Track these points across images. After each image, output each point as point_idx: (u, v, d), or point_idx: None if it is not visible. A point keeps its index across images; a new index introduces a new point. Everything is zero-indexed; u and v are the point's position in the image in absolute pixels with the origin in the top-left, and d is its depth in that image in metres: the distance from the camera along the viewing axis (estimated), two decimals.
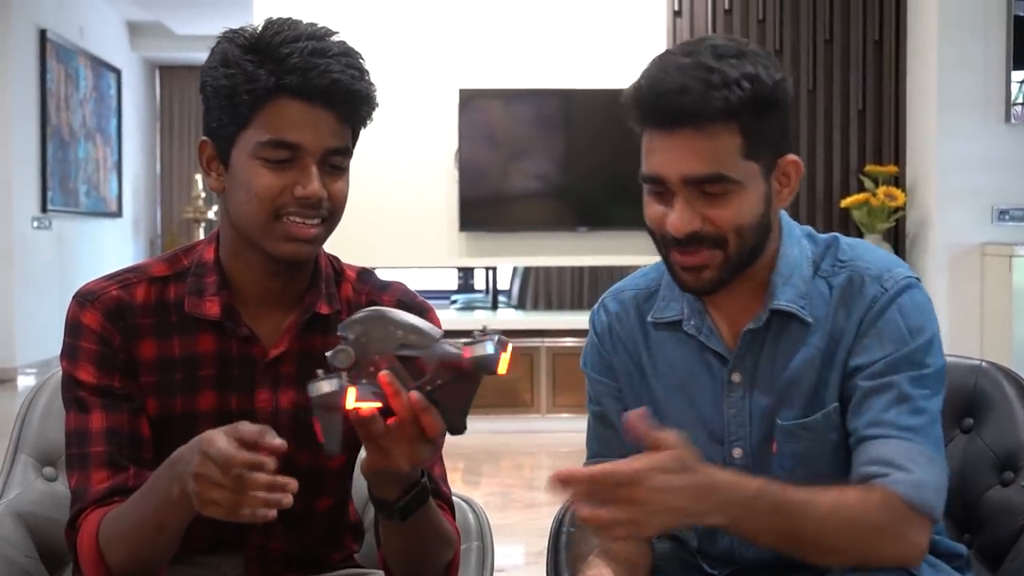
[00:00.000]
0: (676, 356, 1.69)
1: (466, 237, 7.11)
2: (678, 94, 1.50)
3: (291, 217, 1.56)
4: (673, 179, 1.54)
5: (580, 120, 7.08)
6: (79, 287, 1.66)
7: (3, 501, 1.83)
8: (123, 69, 12.04)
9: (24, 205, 9.46)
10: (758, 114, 1.53)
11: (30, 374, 9.17)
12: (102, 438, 1.57)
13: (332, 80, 1.53)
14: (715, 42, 1.55)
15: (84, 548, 1.53)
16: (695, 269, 1.58)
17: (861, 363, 1.60)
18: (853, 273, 1.64)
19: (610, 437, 1.73)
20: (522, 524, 4.66)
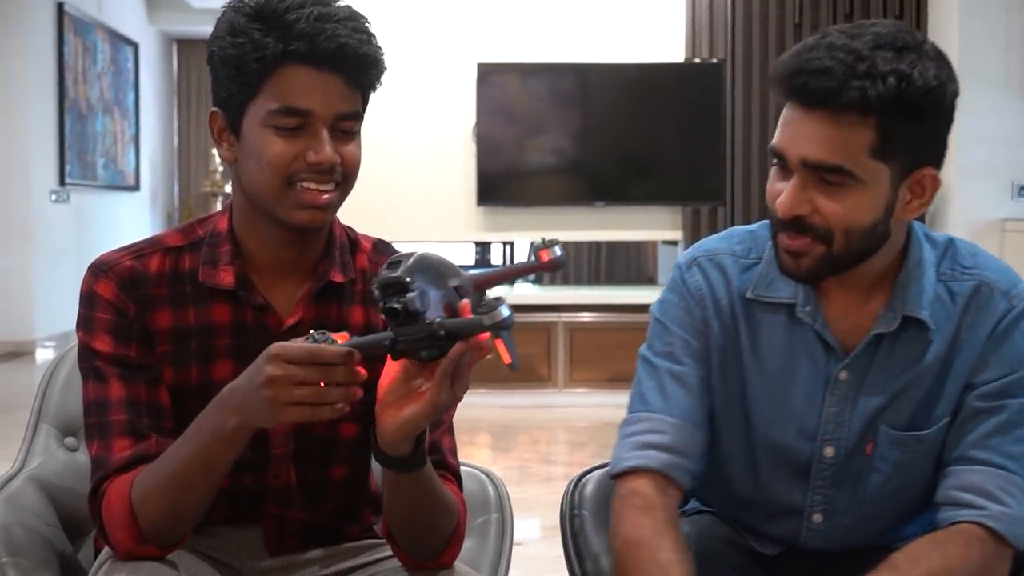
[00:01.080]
0: (778, 340, 1.62)
1: (484, 212, 7.10)
2: (817, 75, 1.43)
3: (304, 184, 1.55)
4: (793, 158, 1.48)
5: (598, 95, 7.05)
6: (96, 257, 1.65)
7: (25, 471, 1.84)
8: (140, 42, 12.03)
9: (42, 178, 9.48)
10: (901, 115, 1.43)
11: (49, 347, 9.21)
12: (122, 407, 1.57)
13: (339, 44, 1.52)
14: (882, 30, 1.46)
15: (114, 510, 1.52)
16: (795, 254, 1.52)
17: (978, 380, 1.57)
18: (982, 284, 1.60)
19: (685, 399, 1.63)
20: (539, 498, 4.67)
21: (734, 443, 1.67)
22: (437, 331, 1.35)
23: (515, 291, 7.65)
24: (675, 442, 1.60)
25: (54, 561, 1.74)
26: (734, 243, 1.68)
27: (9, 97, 9.15)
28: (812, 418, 1.61)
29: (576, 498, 1.89)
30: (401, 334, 1.35)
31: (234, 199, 1.66)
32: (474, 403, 1.86)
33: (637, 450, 1.61)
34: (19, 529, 1.72)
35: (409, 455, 1.49)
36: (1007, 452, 1.54)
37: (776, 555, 1.72)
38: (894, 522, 1.69)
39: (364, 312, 1.68)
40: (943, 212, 6.44)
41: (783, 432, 1.63)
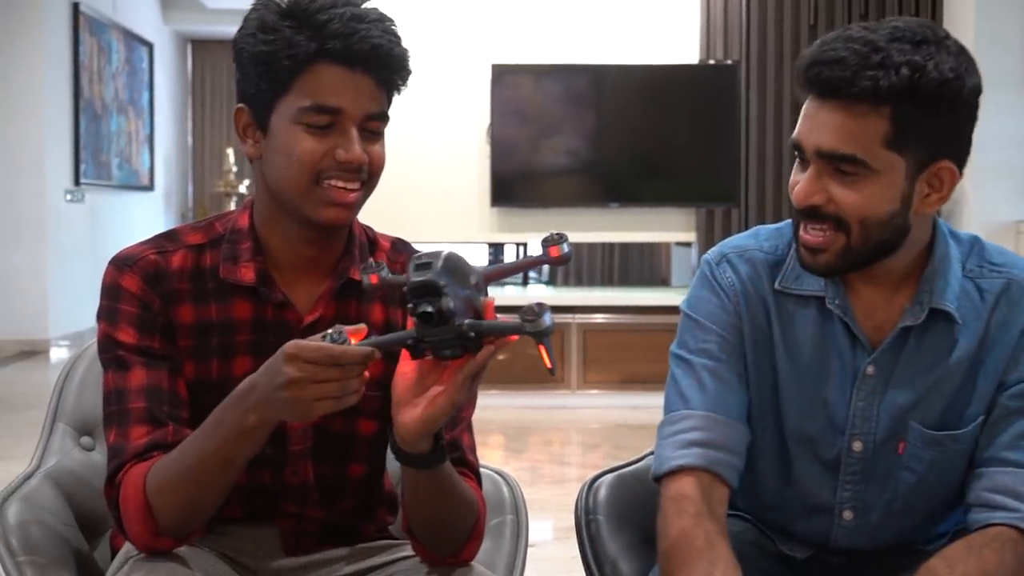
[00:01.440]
0: (808, 332, 1.62)
1: (497, 212, 7.10)
2: (831, 64, 1.45)
3: (331, 181, 1.56)
4: (809, 148, 1.50)
5: (612, 96, 7.05)
6: (114, 254, 1.66)
7: (42, 469, 1.84)
8: (155, 43, 12.07)
9: (57, 178, 9.51)
10: (915, 106, 1.44)
11: (63, 346, 9.24)
12: (141, 394, 1.58)
13: (373, 45, 1.54)
14: (902, 24, 1.48)
15: (129, 502, 1.52)
16: (813, 249, 1.53)
17: (1012, 379, 1.58)
18: (1012, 281, 1.60)
19: (723, 394, 1.62)
20: (552, 500, 4.67)
21: (766, 438, 1.67)
22: (466, 333, 1.35)
23: (528, 292, 7.65)
24: (719, 438, 1.60)
25: (70, 560, 1.74)
26: (762, 240, 1.68)
27: (25, 97, 9.18)
28: (841, 412, 1.62)
29: (590, 502, 1.88)
30: (427, 335, 1.35)
31: (256, 196, 1.67)
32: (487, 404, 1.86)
33: (682, 448, 1.60)
34: (36, 528, 1.72)
35: (429, 452, 1.49)
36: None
37: (805, 559, 1.71)
38: (925, 520, 1.69)
39: (384, 310, 1.69)
40: (957, 213, 6.42)
41: (814, 426, 1.63)
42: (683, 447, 1.60)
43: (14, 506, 1.74)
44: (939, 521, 1.69)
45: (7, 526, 1.70)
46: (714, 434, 1.60)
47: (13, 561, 1.66)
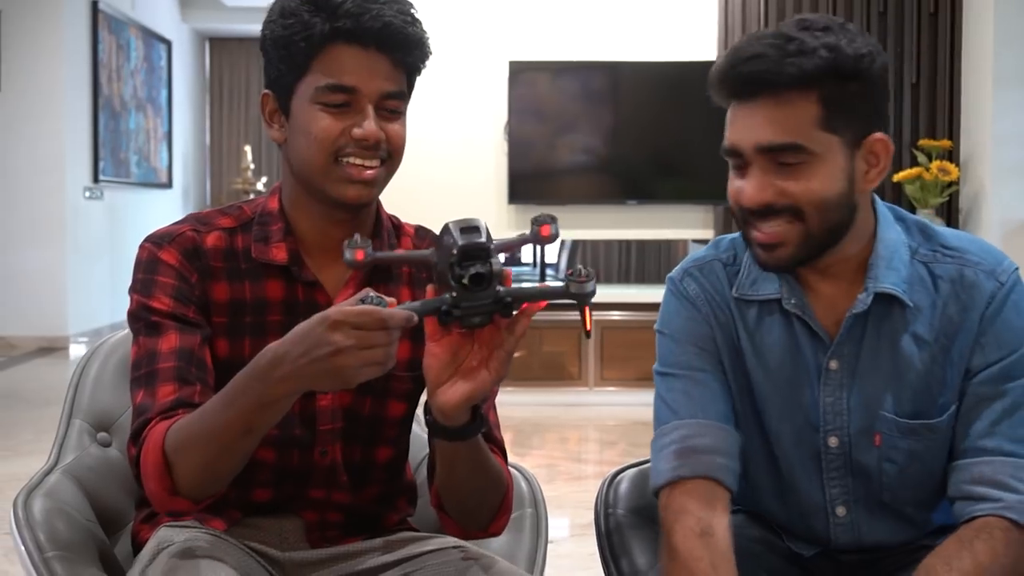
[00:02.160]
0: (773, 335, 1.65)
1: (514, 210, 7.10)
2: (753, 61, 1.49)
3: (350, 159, 1.60)
4: (748, 149, 1.53)
5: (629, 93, 7.05)
6: (150, 235, 1.68)
7: (60, 466, 1.84)
8: (173, 40, 12.10)
9: (76, 175, 9.55)
10: (839, 84, 1.49)
11: (82, 342, 9.27)
12: (172, 355, 1.58)
13: (384, 23, 1.57)
14: (806, 17, 1.54)
15: (149, 460, 1.51)
16: (771, 246, 1.55)
17: (977, 365, 1.58)
18: (965, 267, 1.61)
19: (708, 400, 1.64)
20: (569, 496, 4.67)
21: (753, 443, 1.69)
22: (504, 298, 1.37)
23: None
24: (712, 443, 1.61)
25: (95, 555, 1.74)
26: (720, 251, 1.72)
27: (44, 94, 9.22)
28: (815, 409, 1.63)
29: (610, 496, 1.89)
30: (466, 300, 1.36)
31: (284, 180, 1.71)
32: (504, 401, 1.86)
33: (676, 459, 1.61)
34: (62, 523, 1.73)
35: (469, 423, 1.52)
36: (1015, 436, 1.56)
37: (813, 556, 1.72)
38: (920, 511, 1.69)
39: (411, 293, 1.72)
40: (977, 212, 6.39)
41: (792, 426, 1.65)
42: (678, 457, 1.61)
43: (39, 502, 1.74)
44: (935, 510, 1.69)
45: (33, 521, 1.71)
46: (706, 439, 1.61)
47: (41, 556, 1.66)
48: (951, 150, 6.53)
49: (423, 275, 1.74)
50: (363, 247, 1.41)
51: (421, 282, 1.73)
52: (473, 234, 1.36)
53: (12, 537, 1.72)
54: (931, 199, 6.28)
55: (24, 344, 9.13)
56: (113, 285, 10.06)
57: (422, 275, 1.74)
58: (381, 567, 1.70)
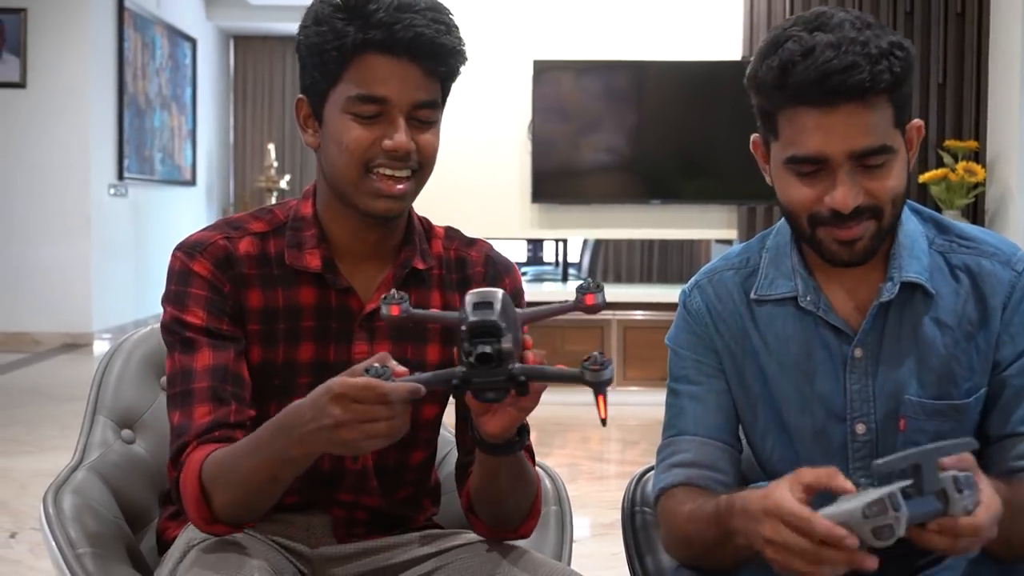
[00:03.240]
0: (789, 332, 1.67)
1: (538, 209, 7.10)
2: (847, 72, 1.48)
3: (380, 170, 1.59)
4: (838, 155, 1.52)
5: (653, 92, 7.03)
6: (181, 240, 1.68)
7: (86, 463, 1.85)
8: (198, 39, 12.15)
9: (101, 173, 9.60)
10: (903, 81, 1.52)
11: (105, 339, 9.32)
12: (206, 374, 1.59)
13: (416, 33, 1.56)
14: (840, 15, 1.53)
15: (187, 487, 1.53)
16: (850, 242, 1.57)
17: (1008, 356, 1.62)
18: (981, 257, 1.64)
19: (703, 416, 1.70)
20: (591, 496, 4.66)
21: (774, 441, 1.71)
22: (517, 376, 1.35)
23: (567, 289, 7.63)
24: (697, 457, 1.68)
25: (124, 552, 1.75)
26: (732, 258, 1.76)
27: (69, 92, 9.27)
28: (838, 399, 1.65)
29: (638, 495, 1.91)
30: (477, 376, 1.34)
31: (318, 185, 1.70)
32: None
33: (664, 472, 1.70)
34: (91, 519, 1.73)
35: (515, 438, 1.53)
36: None
37: None
38: None
39: (441, 296, 1.73)
40: (1003, 213, 6.35)
41: (814, 418, 1.67)
42: (665, 471, 1.69)
43: (68, 499, 1.75)
44: None
45: (64, 517, 1.71)
46: (691, 454, 1.68)
47: (73, 553, 1.67)
48: (977, 151, 6.50)
49: (454, 276, 1.75)
50: (399, 303, 1.40)
51: (450, 284, 1.74)
52: (485, 310, 1.32)
53: (43, 534, 1.72)
54: (957, 200, 6.25)
55: (49, 340, 9.19)
56: (137, 282, 10.10)
57: (452, 276, 1.75)
58: (411, 561, 1.71)
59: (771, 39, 1.55)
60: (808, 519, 1.33)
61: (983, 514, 1.35)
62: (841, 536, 1.31)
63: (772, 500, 1.37)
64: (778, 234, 1.72)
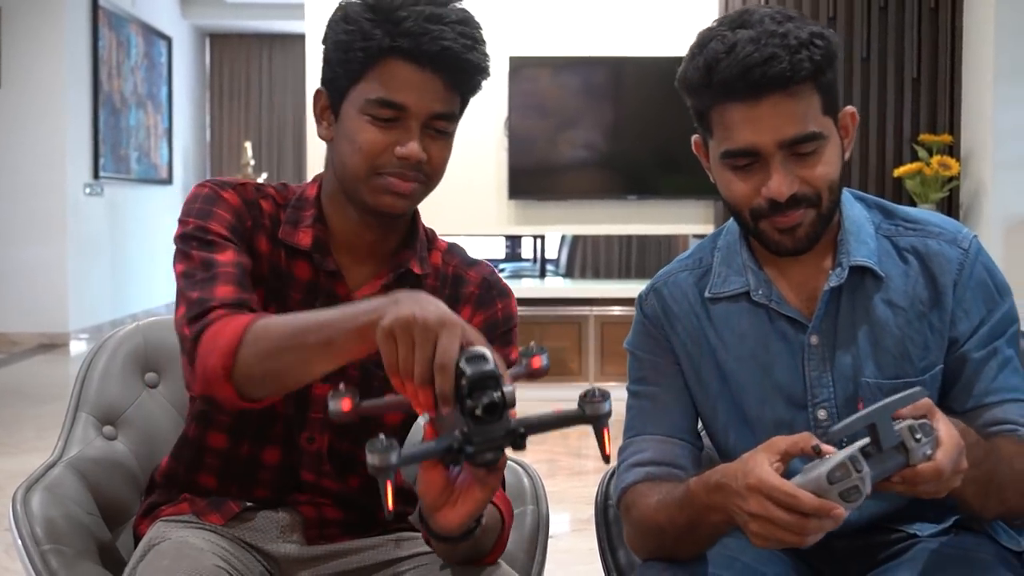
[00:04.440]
0: (744, 327, 1.70)
1: (515, 205, 7.11)
2: (768, 63, 1.52)
3: (389, 176, 1.61)
4: (769, 146, 1.56)
5: (630, 89, 7.05)
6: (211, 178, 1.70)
7: (64, 459, 1.85)
8: (174, 37, 12.10)
9: (76, 172, 9.56)
10: (827, 68, 1.56)
11: (82, 339, 9.29)
12: (231, 265, 1.57)
13: (443, 47, 1.58)
14: (761, 11, 1.58)
15: (223, 337, 1.45)
16: (791, 230, 1.60)
17: (964, 331, 1.65)
18: (927, 237, 1.68)
19: (661, 416, 1.74)
20: (569, 492, 4.68)
21: (737, 435, 1.73)
22: (516, 429, 1.28)
23: (545, 285, 7.65)
24: (655, 455, 1.71)
25: (94, 549, 1.76)
26: (685, 259, 1.80)
27: (45, 91, 9.23)
28: (798, 387, 1.68)
29: (611, 490, 1.91)
30: (476, 434, 1.25)
31: (325, 175, 1.72)
32: None
33: (626, 472, 1.73)
34: (60, 517, 1.74)
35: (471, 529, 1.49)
36: (1012, 386, 1.65)
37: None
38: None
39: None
40: (977, 207, 6.39)
41: (775, 408, 1.69)
42: (625, 471, 1.72)
43: (37, 495, 1.75)
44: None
45: (31, 515, 1.72)
46: (654, 453, 1.71)
47: (38, 550, 1.68)
48: (952, 145, 6.54)
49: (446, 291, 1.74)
50: (350, 395, 1.28)
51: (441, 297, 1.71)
52: (481, 362, 1.25)
53: (10, 532, 1.73)
54: (931, 194, 6.29)
55: (25, 341, 9.15)
56: (114, 281, 10.07)
57: (445, 291, 1.74)
58: (381, 564, 1.71)
59: (697, 40, 1.61)
60: (795, 495, 1.35)
61: (942, 456, 1.37)
62: (830, 508, 1.34)
63: (755, 476, 1.39)
64: (728, 232, 1.75)
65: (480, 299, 1.75)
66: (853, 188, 6.23)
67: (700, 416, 1.76)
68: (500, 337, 1.74)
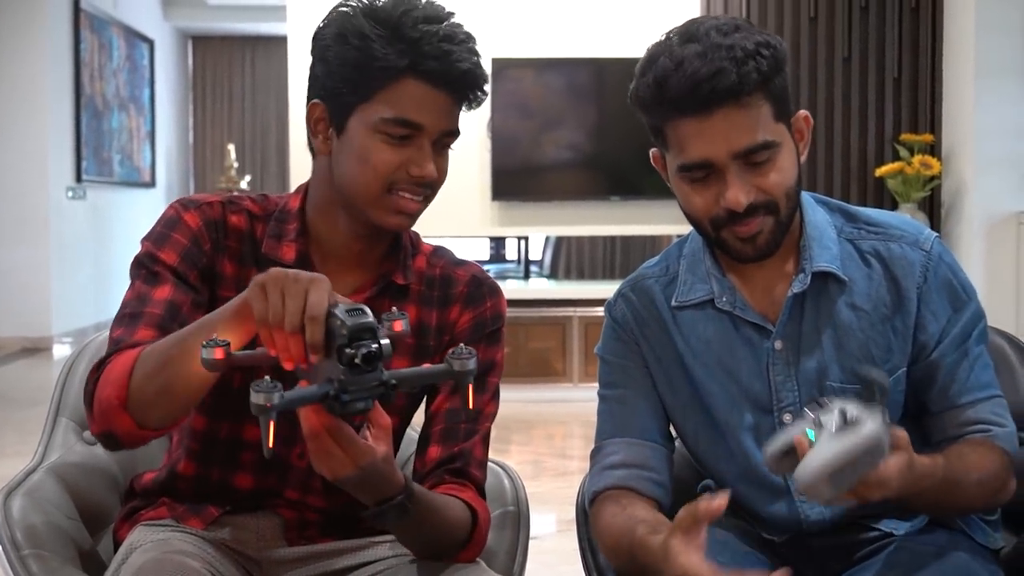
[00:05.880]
0: (710, 334, 1.72)
1: (498, 206, 7.11)
2: (715, 77, 1.54)
3: (401, 192, 1.61)
4: (722, 158, 1.58)
5: (612, 89, 7.06)
6: (182, 197, 1.71)
7: (44, 464, 1.85)
8: (156, 39, 12.07)
9: (59, 175, 9.53)
10: (775, 76, 1.59)
11: (66, 343, 9.25)
12: (161, 304, 1.59)
13: (464, 70, 1.60)
14: (708, 23, 1.59)
15: (115, 371, 1.49)
16: (751, 238, 1.62)
17: (933, 333, 1.67)
18: (890, 241, 1.70)
19: (631, 418, 1.76)
20: (554, 492, 4.68)
21: (707, 440, 1.76)
22: (388, 381, 1.33)
23: (529, 286, 7.66)
24: (627, 458, 1.73)
25: (74, 553, 1.75)
26: (652, 267, 1.82)
27: (26, 94, 9.20)
28: (764, 392, 1.70)
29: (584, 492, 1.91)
30: (351, 384, 1.31)
31: (314, 187, 1.70)
32: None
33: (597, 476, 1.75)
34: (40, 522, 1.73)
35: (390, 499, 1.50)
36: (983, 383, 1.68)
37: (784, 542, 1.76)
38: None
39: (418, 311, 1.72)
40: (959, 206, 6.41)
41: (742, 413, 1.72)
42: (597, 475, 1.75)
43: (18, 501, 1.75)
44: None
45: (11, 520, 1.72)
46: (625, 455, 1.73)
47: (18, 555, 1.68)
48: (933, 144, 6.56)
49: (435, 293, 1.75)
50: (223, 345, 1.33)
51: (430, 300, 1.74)
52: (360, 315, 1.31)
53: None
54: (913, 193, 6.30)
55: (7, 345, 9.11)
56: (97, 284, 10.03)
57: (434, 293, 1.75)
58: (361, 565, 1.71)
59: (646, 56, 1.62)
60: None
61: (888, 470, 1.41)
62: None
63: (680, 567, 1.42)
64: (693, 240, 1.77)
65: (469, 296, 1.75)
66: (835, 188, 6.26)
67: (671, 421, 1.78)
68: (487, 336, 1.75)
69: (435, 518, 1.60)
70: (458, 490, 1.67)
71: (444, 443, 1.69)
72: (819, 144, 6.61)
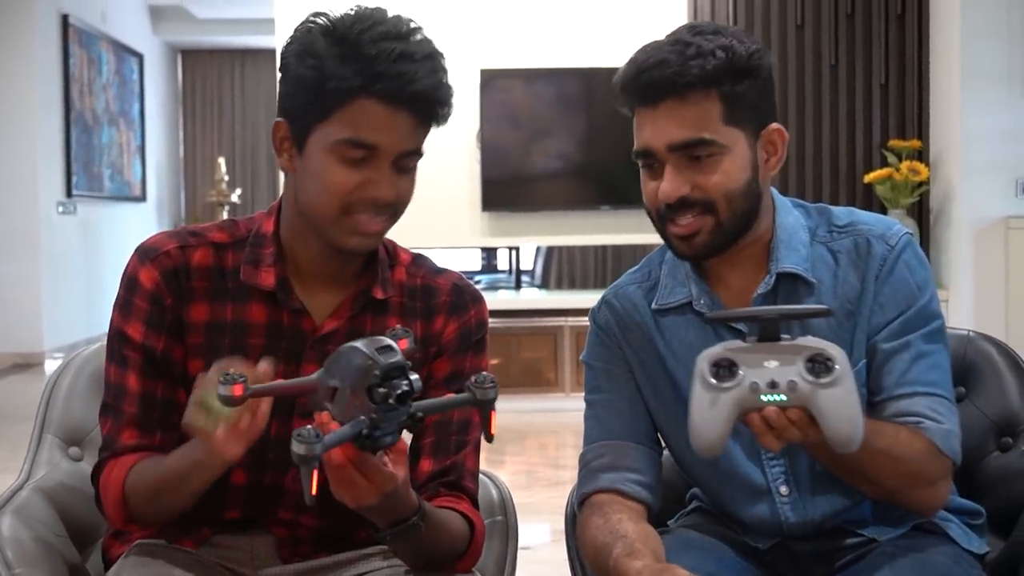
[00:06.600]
0: (691, 337, 1.73)
1: (489, 217, 7.11)
2: (657, 67, 1.60)
3: (359, 215, 1.59)
4: (660, 148, 1.63)
5: (601, 99, 7.06)
6: (144, 243, 1.69)
7: (31, 482, 1.84)
8: (145, 53, 12.07)
9: (49, 190, 9.51)
10: (736, 81, 1.61)
11: (57, 358, 9.21)
12: (136, 400, 1.63)
13: (417, 90, 1.55)
14: (695, 23, 1.65)
15: (109, 491, 1.61)
16: (688, 237, 1.65)
17: (879, 322, 1.68)
18: (857, 237, 1.71)
19: (617, 422, 1.77)
20: (547, 502, 4.68)
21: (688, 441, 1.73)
22: (415, 414, 1.35)
23: (520, 296, 7.66)
24: (614, 460, 1.74)
25: (64, 571, 1.75)
26: (634, 274, 1.84)
27: (16, 109, 9.19)
28: None
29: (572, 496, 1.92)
30: (383, 420, 1.32)
31: (285, 206, 1.69)
32: None
33: (585, 479, 1.76)
34: (30, 540, 1.73)
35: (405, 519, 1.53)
36: (926, 380, 1.66)
37: (769, 548, 1.76)
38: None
39: (401, 323, 1.68)
40: (947, 211, 6.43)
41: None
42: (588, 476, 1.76)
43: (7, 519, 1.75)
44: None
45: (2, 539, 1.71)
46: (608, 458, 1.75)
47: (9, 573, 1.67)
48: (921, 150, 6.58)
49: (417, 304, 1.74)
50: (240, 381, 1.35)
51: (412, 311, 1.73)
52: (386, 352, 1.32)
53: None
54: (902, 199, 6.33)
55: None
56: (88, 299, 10.01)
57: (416, 304, 1.74)
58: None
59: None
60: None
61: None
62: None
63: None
64: None
65: (453, 306, 1.74)
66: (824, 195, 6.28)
67: (656, 425, 1.79)
68: (474, 345, 1.74)
69: (439, 534, 1.60)
70: (454, 502, 1.67)
71: (436, 456, 1.69)
72: (807, 151, 6.63)
